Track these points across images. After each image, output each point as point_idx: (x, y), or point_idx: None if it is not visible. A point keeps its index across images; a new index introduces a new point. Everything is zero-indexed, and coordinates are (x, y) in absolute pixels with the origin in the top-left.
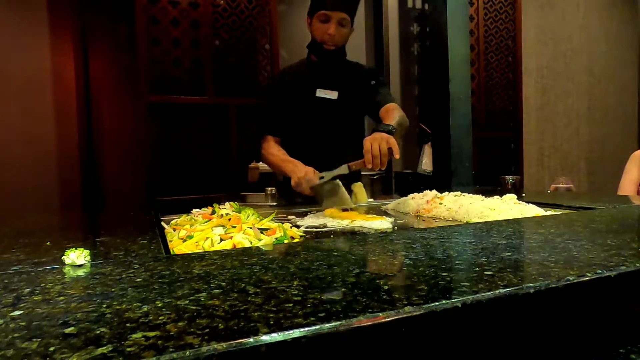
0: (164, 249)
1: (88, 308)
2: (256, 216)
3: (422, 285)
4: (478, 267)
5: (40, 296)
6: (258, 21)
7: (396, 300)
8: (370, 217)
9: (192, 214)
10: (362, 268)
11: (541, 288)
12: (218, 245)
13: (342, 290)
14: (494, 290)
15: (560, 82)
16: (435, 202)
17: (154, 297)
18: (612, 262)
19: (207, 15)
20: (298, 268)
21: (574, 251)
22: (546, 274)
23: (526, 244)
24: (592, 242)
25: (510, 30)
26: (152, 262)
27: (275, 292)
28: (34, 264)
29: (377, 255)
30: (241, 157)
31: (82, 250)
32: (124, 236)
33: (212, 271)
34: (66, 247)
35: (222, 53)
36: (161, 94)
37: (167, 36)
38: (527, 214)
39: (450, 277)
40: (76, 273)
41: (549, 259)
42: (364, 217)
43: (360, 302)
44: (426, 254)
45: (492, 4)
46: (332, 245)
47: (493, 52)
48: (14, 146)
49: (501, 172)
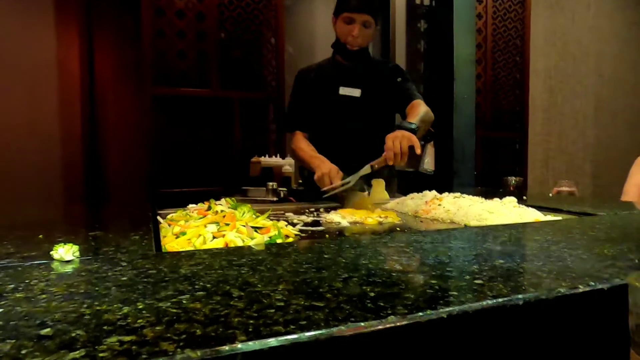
0: (155, 245)
1: (68, 308)
2: (251, 213)
3: (409, 294)
4: (469, 274)
5: (22, 293)
6: (264, 14)
7: (381, 309)
8: (377, 213)
9: (188, 210)
10: (350, 272)
11: (530, 300)
12: (210, 243)
13: (327, 296)
14: (482, 301)
15: (568, 83)
16: (434, 203)
17: (136, 297)
18: (606, 274)
19: (212, 8)
20: (286, 271)
21: (569, 261)
22: (537, 284)
23: (520, 252)
24: (589, 251)
25: (518, 29)
26: (140, 259)
27: (259, 297)
28: (22, 258)
29: (367, 259)
30: (244, 150)
31: (70, 246)
32: (117, 231)
33: (198, 271)
34: (58, 240)
35: (227, 46)
36: (166, 87)
37: (172, 28)
38: (526, 218)
39: (439, 285)
40: (63, 269)
41: (542, 269)
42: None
43: (343, 310)
44: (418, 259)
45: (501, 2)
46: (323, 247)
47: (501, 51)
48: (19, 137)
49: (506, 172)
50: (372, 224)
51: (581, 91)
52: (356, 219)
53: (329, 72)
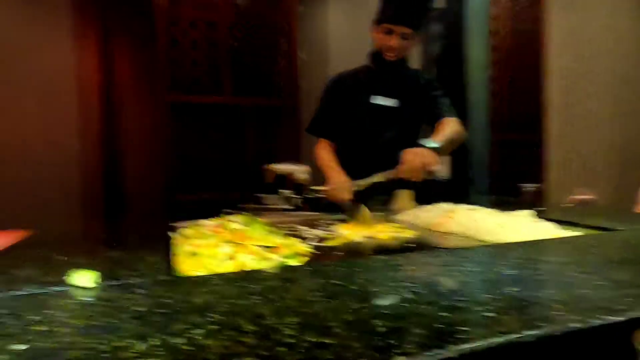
0: (170, 267)
1: (87, 344)
2: (265, 231)
3: (418, 329)
4: (480, 305)
5: (44, 326)
6: (277, 21)
7: (391, 347)
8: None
9: (201, 225)
10: (360, 303)
11: (542, 336)
12: (223, 265)
13: (337, 331)
14: (492, 338)
15: (584, 84)
16: (447, 216)
17: (152, 332)
18: (620, 306)
19: (225, 15)
20: (296, 300)
21: (583, 288)
22: (549, 318)
23: (533, 277)
24: (603, 276)
25: (534, 30)
26: (156, 286)
27: (270, 331)
28: (42, 283)
29: (377, 286)
30: (258, 156)
31: (89, 272)
32: (134, 249)
33: (211, 301)
34: (76, 262)
35: (240, 53)
36: (180, 94)
37: (185, 36)
38: (541, 233)
39: (449, 318)
40: (82, 297)
41: (554, 298)
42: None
43: (352, 348)
44: (429, 286)
45: (517, 3)
46: (334, 272)
47: (516, 53)
48: (37, 145)
49: (522, 176)
50: (386, 238)
51: (598, 91)
52: (370, 233)
53: (364, 80)
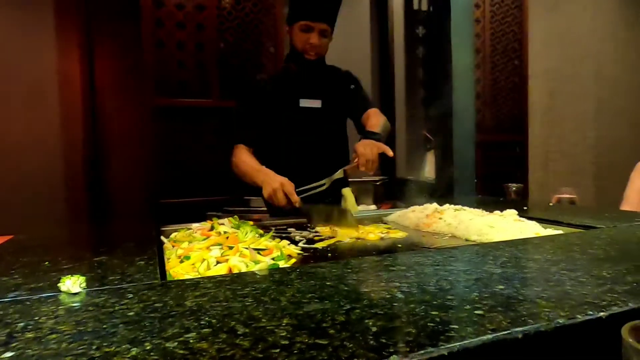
0: (160, 271)
1: (77, 350)
2: (254, 233)
3: (410, 328)
4: (469, 304)
5: (32, 333)
6: (263, 24)
7: (383, 346)
8: (370, 228)
9: (191, 229)
10: (353, 303)
11: (530, 332)
12: (214, 268)
13: (330, 332)
14: (482, 336)
15: (568, 86)
16: (435, 216)
17: (144, 336)
18: (604, 301)
19: (212, 18)
20: (289, 302)
21: (568, 285)
22: (537, 315)
23: (520, 275)
24: (588, 273)
25: (517, 32)
26: (146, 290)
27: (264, 334)
28: (30, 290)
29: (369, 286)
30: None
31: (77, 277)
32: (122, 254)
33: (204, 304)
34: (64, 268)
35: (227, 55)
36: (166, 97)
37: (172, 38)
38: (527, 233)
39: (440, 317)
40: (71, 303)
41: (541, 295)
42: (365, 230)
43: (346, 348)
44: (419, 286)
45: (499, 6)
46: (325, 273)
47: (499, 55)
48: (20, 148)
49: (506, 176)
50: (374, 239)
51: (581, 93)
52: (357, 234)
53: (287, 83)
